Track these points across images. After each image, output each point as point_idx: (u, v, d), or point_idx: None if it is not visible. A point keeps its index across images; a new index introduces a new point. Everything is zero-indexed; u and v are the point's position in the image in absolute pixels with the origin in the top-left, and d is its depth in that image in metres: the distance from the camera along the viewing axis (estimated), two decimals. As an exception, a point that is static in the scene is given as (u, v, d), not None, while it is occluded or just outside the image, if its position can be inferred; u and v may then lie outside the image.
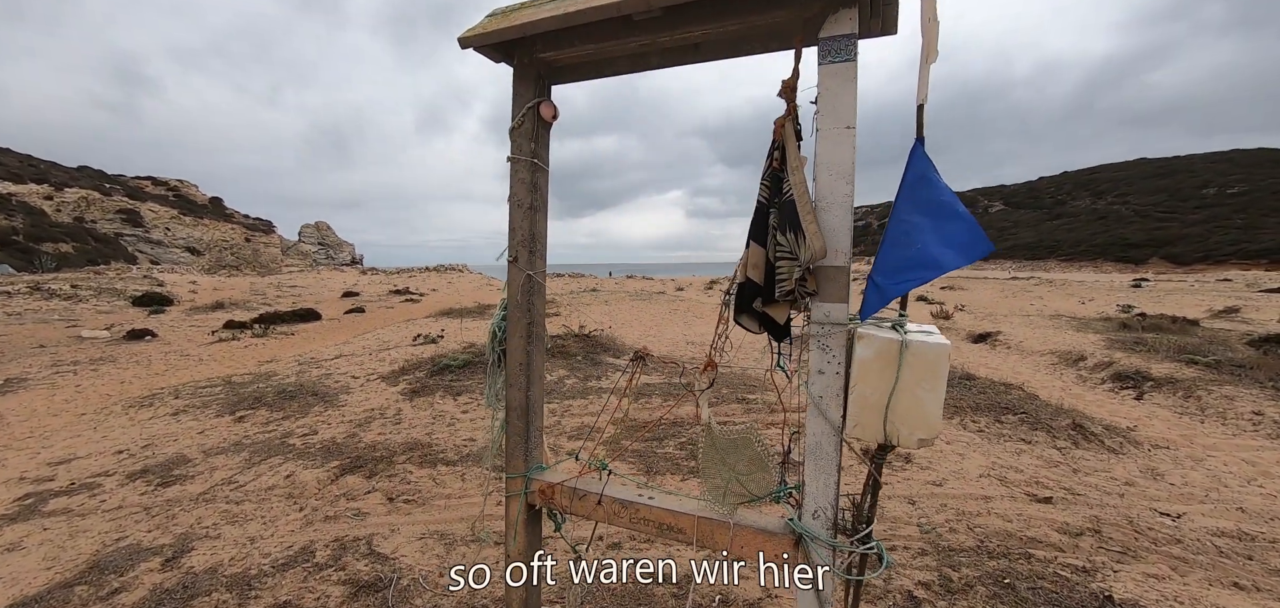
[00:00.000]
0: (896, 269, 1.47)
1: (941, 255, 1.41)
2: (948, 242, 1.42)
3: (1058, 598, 3.08)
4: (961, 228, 1.42)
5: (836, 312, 1.76)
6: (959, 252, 1.41)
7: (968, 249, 1.40)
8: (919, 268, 1.43)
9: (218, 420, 6.93)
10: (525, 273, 2.27)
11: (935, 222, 1.44)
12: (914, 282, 1.45)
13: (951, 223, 1.42)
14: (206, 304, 23.36)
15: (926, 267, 1.42)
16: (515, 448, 2.39)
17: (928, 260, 1.42)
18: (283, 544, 3.97)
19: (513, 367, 2.34)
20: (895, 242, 1.51)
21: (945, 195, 1.45)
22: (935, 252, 1.41)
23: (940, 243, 1.42)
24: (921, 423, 1.68)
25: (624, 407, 2.16)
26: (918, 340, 1.65)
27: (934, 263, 1.41)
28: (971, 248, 1.41)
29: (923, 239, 1.44)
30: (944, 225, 1.43)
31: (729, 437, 1.91)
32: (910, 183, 1.50)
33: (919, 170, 1.49)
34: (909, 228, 1.48)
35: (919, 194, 1.47)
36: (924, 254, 1.42)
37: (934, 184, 1.47)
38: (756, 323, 1.79)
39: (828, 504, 1.85)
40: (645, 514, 2.15)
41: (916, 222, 1.46)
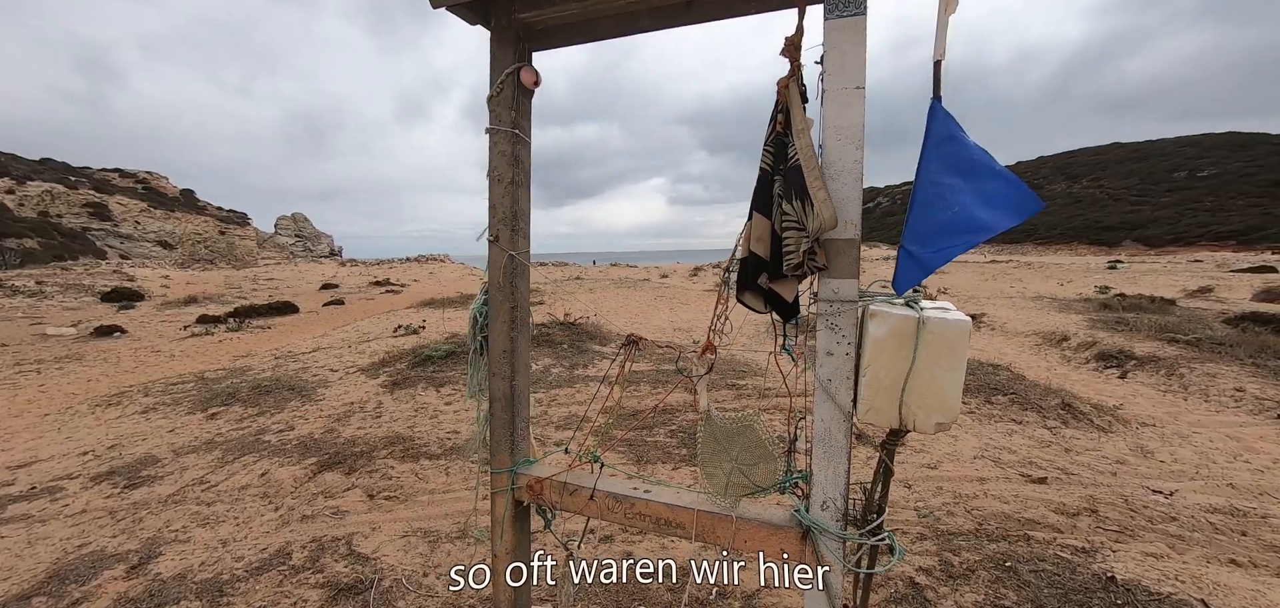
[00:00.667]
0: (933, 235, 1.34)
1: (986, 217, 1.28)
2: (990, 202, 1.29)
3: (1061, 581, 3.02)
4: (1003, 186, 1.29)
5: (846, 288, 1.63)
6: (1006, 211, 1.28)
7: (1016, 207, 1.27)
8: (962, 233, 1.30)
9: (189, 418, 6.67)
10: (507, 253, 2.11)
11: (971, 181, 1.31)
12: (959, 248, 1.32)
13: (990, 182, 1.29)
14: (179, 299, 22.71)
15: (970, 230, 1.29)
16: (500, 441, 2.24)
17: (970, 223, 1.29)
18: (257, 547, 3.78)
19: (496, 355, 2.19)
20: (927, 205, 1.38)
21: (976, 153, 1.32)
22: (978, 214, 1.28)
23: (982, 204, 1.29)
24: (940, 406, 1.56)
25: (616, 395, 2.05)
26: (936, 317, 1.52)
27: (978, 226, 1.28)
28: (1020, 205, 1.28)
29: (960, 201, 1.31)
30: (982, 185, 1.30)
31: (730, 425, 1.77)
32: (935, 142, 1.37)
33: (943, 129, 1.36)
34: (941, 190, 1.34)
35: (947, 153, 1.34)
36: (965, 217, 1.29)
37: (962, 142, 1.33)
38: (762, 301, 1.66)
39: (837, 495, 1.74)
40: (642, 509, 2.01)
41: (949, 182, 1.33)
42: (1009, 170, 1.30)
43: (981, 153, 1.33)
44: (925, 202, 1.39)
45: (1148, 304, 12.97)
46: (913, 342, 1.53)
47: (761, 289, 1.61)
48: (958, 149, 1.33)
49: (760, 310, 1.68)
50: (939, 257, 1.37)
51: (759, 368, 8.01)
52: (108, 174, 72.62)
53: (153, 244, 61.04)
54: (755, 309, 1.68)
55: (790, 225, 1.49)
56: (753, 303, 1.68)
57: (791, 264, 1.49)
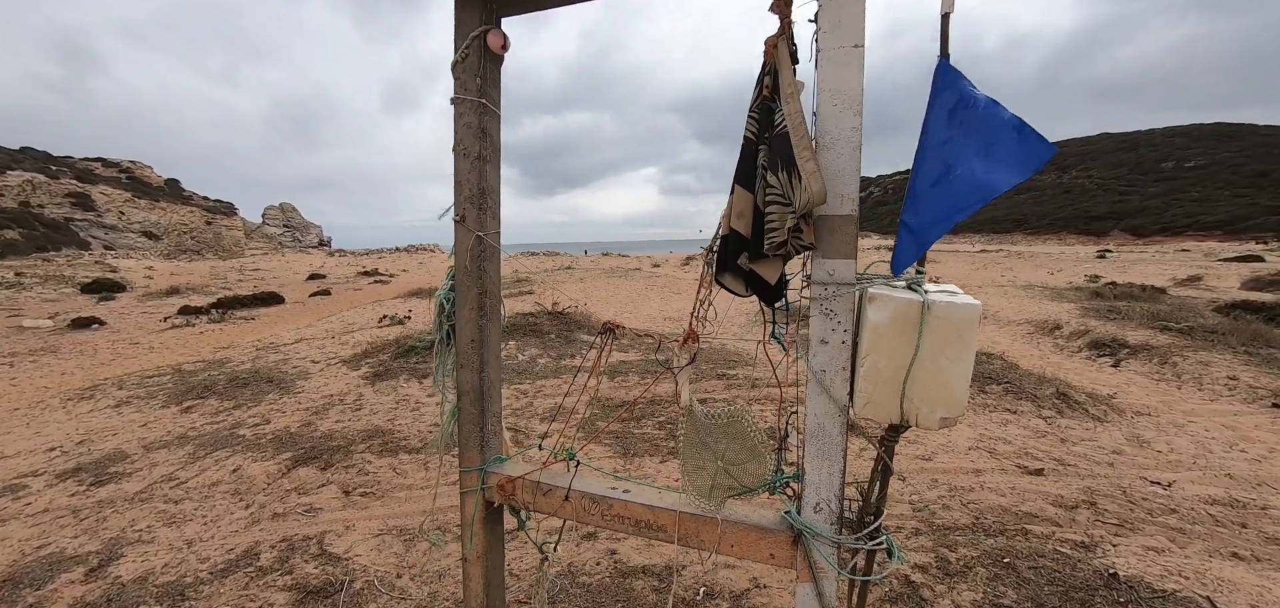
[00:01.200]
0: (932, 206, 1.19)
1: (990, 176, 1.13)
2: (995, 158, 1.13)
3: (1061, 578, 2.90)
4: (1011, 139, 1.13)
5: (841, 269, 1.48)
6: (1012, 167, 1.13)
7: (1022, 161, 1.12)
8: (963, 196, 1.15)
9: (163, 412, 6.45)
10: (475, 234, 1.94)
11: (977, 139, 1.15)
12: (958, 214, 1.17)
13: (998, 136, 1.14)
14: (162, 290, 22.30)
15: (971, 192, 1.14)
16: (469, 438, 2.08)
17: (972, 186, 1.14)
18: (224, 547, 3.61)
19: (463, 344, 2.02)
20: (930, 176, 1.22)
21: (985, 108, 1.17)
22: (982, 175, 1.13)
23: (987, 162, 1.13)
24: (946, 399, 1.41)
25: (595, 386, 1.90)
26: (942, 301, 1.37)
27: (981, 187, 1.13)
28: (1027, 158, 1.12)
29: (964, 164, 1.15)
30: (988, 141, 1.14)
31: (715, 420, 1.62)
32: (942, 105, 1.21)
33: (952, 89, 1.20)
34: (945, 154, 1.19)
35: (955, 113, 1.19)
36: (968, 181, 1.14)
37: (972, 100, 1.18)
38: (743, 284, 1.50)
39: (832, 496, 1.59)
40: (620, 511, 1.86)
41: (954, 146, 1.18)
42: (1018, 118, 1.15)
43: (990, 106, 1.18)
44: (929, 173, 1.23)
45: (1139, 293, 12.96)
46: (916, 328, 1.38)
47: (742, 270, 1.45)
48: (966, 105, 1.18)
49: (741, 294, 1.52)
50: (937, 228, 1.22)
51: (749, 357, 7.88)
52: (90, 163, 71.33)
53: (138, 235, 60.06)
54: (736, 292, 1.52)
55: (774, 199, 1.33)
56: (733, 285, 1.52)
57: (774, 242, 1.33)
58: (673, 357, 1.64)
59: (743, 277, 1.49)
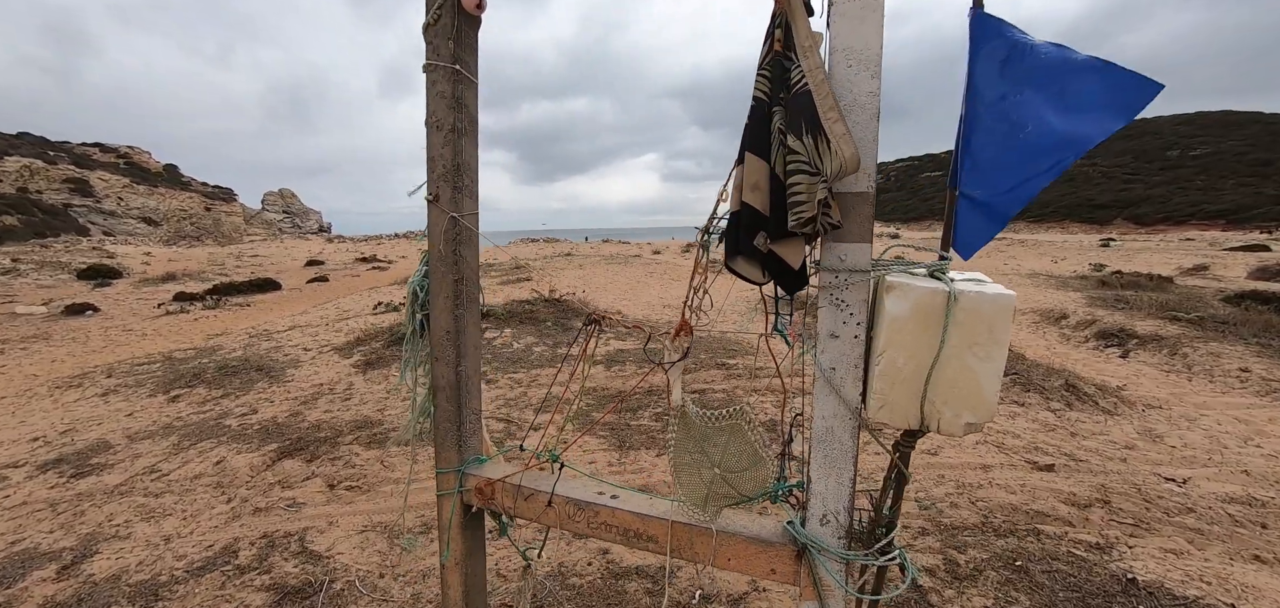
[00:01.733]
0: (1004, 170, 1.01)
1: (1075, 127, 0.94)
2: (1079, 106, 0.95)
3: (1076, 582, 2.76)
4: (1093, 83, 0.95)
5: (856, 254, 1.31)
6: (1102, 112, 0.94)
7: (1116, 104, 0.94)
8: (1044, 156, 0.96)
9: (150, 401, 6.31)
10: (449, 215, 1.77)
11: (1047, 88, 0.97)
12: (1042, 178, 0.99)
13: (1076, 80, 0.96)
14: (158, 276, 22.14)
15: (1054, 150, 0.95)
16: (445, 437, 1.92)
17: (1052, 142, 0.95)
18: (202, 544, 3.47)
19: (438, 335, 1.85)
20: (993, 139, 1.04)
21: (1049, 53, 0.99)
22: (1063, 128, 0.95)
23: (1066, 113, 0.95)
24: (973, 402, 1.25)
25: (581, 381, 1.74)
26: (971, 292, 1.20)
27: (1066, 142, 0.95)
28: (1121, 100, 0.94)
29: (1036, 120, 0.97)
30: (1063, 87, 0.96)
31: (711, 424, 1.46)
32: (989, 58, 1.03)
33: (999, 40, 1.02)
34: (1005, 109, 1.01)
35: (1013, 68, 1.01)
36: (1045, 138, 0.96)
37: (1026, 46, 1.00)
38: (759, 268, 1.32)
39: (840, 508, 1.43)
40: (607, 519, 1.71)
41: (1015, 98, 1.00)
42: (1097, 58, 0.96)
43: (1056, 51, 0.99)
44: (988, 133, 1.05)
45: (1146, 282, 12.77)
46: (940, 322, 1.21)
47: (758, 252, 1.27)
48: (1022, 55, 1.00)
49: (758, 280, 1.34)
50: (1016, 196, 1.03)
51: (750, 347, 7.71)
52: (88, 149, 70.94)
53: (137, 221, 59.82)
54: (750, 279, 1.34)
55: (799, 166, 1.15)
56: (747, 271, 1.34)
57: (802, 218, 1.15)
58: (664, 351, 1.47)
59: (760, 260, 1.31)
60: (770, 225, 1.25)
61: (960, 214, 1.16)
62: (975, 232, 1.12)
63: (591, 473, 4.00)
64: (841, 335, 1.34)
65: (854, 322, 1.33)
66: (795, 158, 1.17)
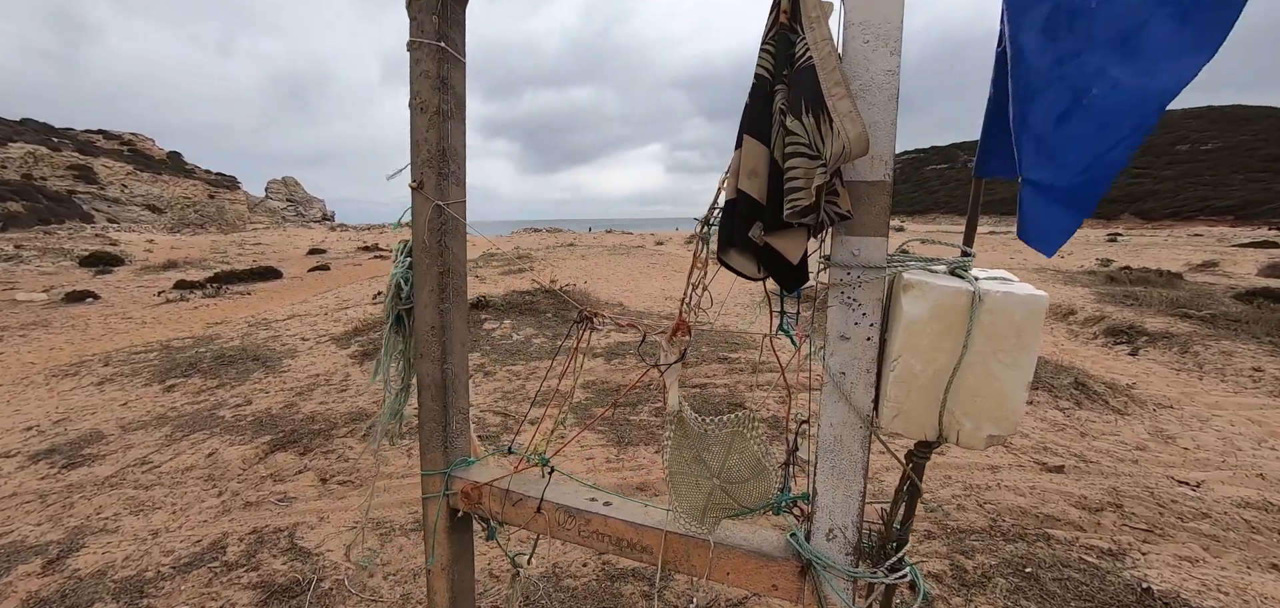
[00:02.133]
0: (1079, 147, 0.87)
1: (1154, 79, 0.80)
2: (1153, 52, 0.80)
3: (1088, 592, 2.66)
4: (1162, 17, 0.80)
5: (870, 248, 1.20)
6: (1187, 51, 0.79)
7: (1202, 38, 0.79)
8: (1122, 119, 0.83)
9: (145, 390, 6.24)
10: (434, 203, 1.66)
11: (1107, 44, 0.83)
12: (1123, 146, 0.85)
13: (1141, 23, 0.81)
14: (160, 264, 22.11)
15: (1138, 110, 0.82)
16: (431, 438, 1.82)
17: (1130, 101, 0.81)
18: (190, 539, 3.39)
19: (423, 331, 1.75)
20: (1055, 112, 0.91)
21: (1106, 3, 0.85)
22: (1137, 82, 0.81)
23: (1136, 64, 0.81)
24: (996, 412, 1.14)
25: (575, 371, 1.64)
26: (997, 292, 1.10)
27: (1147, 98, 0.80)
28: (1208, 29, 0.78)
29: (1102, 81, 0.84)
30: (1127, 35, 0.82)
31: (711, 431, 1.35)
32: (1030, 24, 0.91)
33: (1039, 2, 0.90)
34: (1065, 79, 0.88)
35: (1059, 28, 0.88)
36: (1118, 100, 0.83)
37: (1077, 4, 0.87)
38: (754, 262, 1.21)
39: (849, 522, 1.33)
40: (598, 527, 1.61)
41: (1078, 65, 0.86)
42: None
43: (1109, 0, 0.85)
44: (1045, 104, 0.92)
45: (1155, 278, 12.60)
46: (963, 324, 1.10)
47: (754, 245, 1.16)
48: (1070, 11, 0.86)
49: (750, 276, 1.23)
50: (1098, 173, 0.88)
51: (753, 341, 7.61)
52: (91, 136, 70.90)
53: (141, 208, 59.85)
54: (744, 274, 1.23)
55: (798, 149, 1.04)
56: (741, 264, 1.23)
57: (799, 207, 1.05)
58: (659, 352, 1.37)
59: (755, 253, 1.20)
60: (766, 215, 1.14)
61: (1028, 205, 1.01)
62: (1053, 222, 0.98)
63: (587, 471, 3.91)
64: (853, 337, 1.23)
65: (866, 323, 1.22)
66: (794, 140, 1.06)
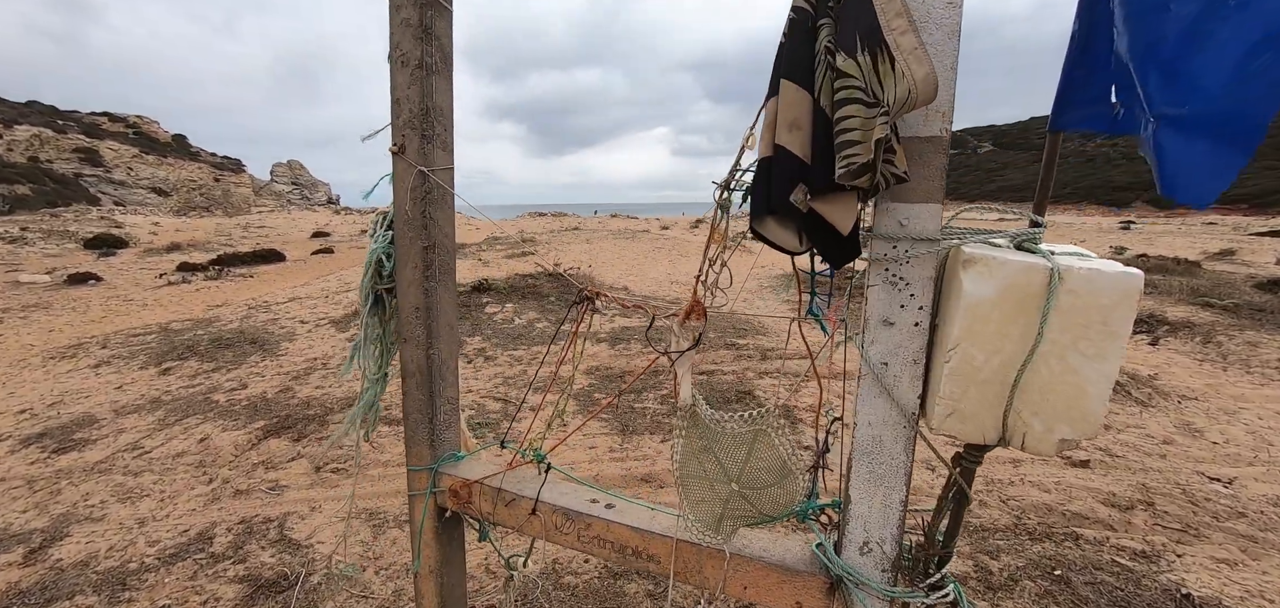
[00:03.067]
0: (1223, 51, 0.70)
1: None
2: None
3: (1123, 597, 2.48)
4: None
5: (921, 218, 1.02)
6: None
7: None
8: None
9: (141, 373, 6.13)
10: (417, 169, 1.48)
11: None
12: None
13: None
14: (163, 246, 22.05)
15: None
16: (417, 431, 1.66)
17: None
18: (177, 528, 3.26)
19: (406, 312, 1.58)
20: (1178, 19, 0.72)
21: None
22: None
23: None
24: (1073, 412, 0.96)
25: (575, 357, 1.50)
26: (1080, 269, 0.91)
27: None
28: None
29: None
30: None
31: (730, 431, 1.17)
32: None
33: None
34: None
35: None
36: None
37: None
38: (795, 233, 1.01)
39: (888, 535, 1.16)
40: (600, 532, 1.44)
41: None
42: None
43: None
44: (1169, 16, 0.74)
45: (1172, 266, 12.31)
46: (1038, 307, 0.92)
47: (796, 212, 0.96)
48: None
49: (793, 249, 1.03)
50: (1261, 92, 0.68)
51: (762, 327, 7.42)
52: (97, 118, 70.85)
53: (147, 191, 59.92)
54: (784, 247, 1.03)
55: (852, 94, 0.85)
56: (779, 236, 1.03)
57: (854, 165, 0.86)
58: (670, 337, 1.19)
59: (797, 222, 1.00)
60: (813, 176, 0.95)
61: (1168, 147, 0.80)
62: (1202, 163, 0.75)
63: (590, 462, 3.75)
64: (898, 323, 1.05)
65: (915, 305, 1.04)
66: (847, 83, 0.87)
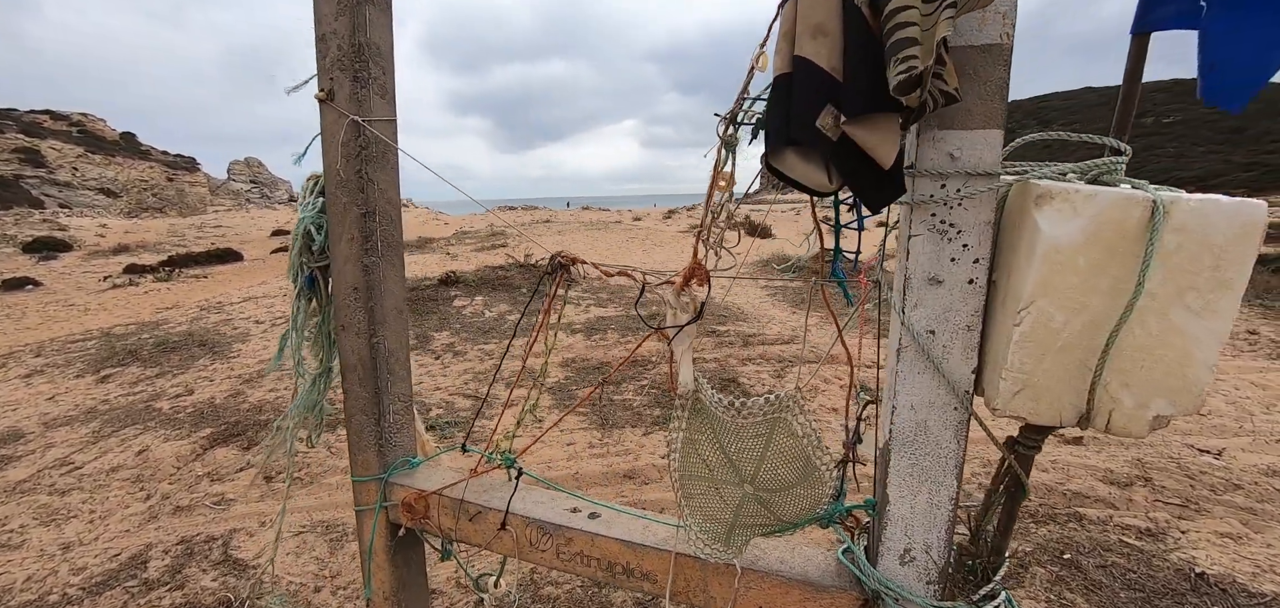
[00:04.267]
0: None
1: None
2: None
3: (1137, 580, 2.37)
4: None
5: (978, 148, 0.81)
6: None
7: None
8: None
9: (77, 382, 5.66)
10: (349, 118, 1.22)
11: None
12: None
13: None
14: (110, 248, 20.94)
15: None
16: (361, 434, 1.40)
17: None
18: (107, 553, 2.93)
19: (342, 293, 1.32)
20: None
21: None
22: None
23: None
24: (1174, 381, 0.77)
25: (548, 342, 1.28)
26: (1188, 202, 0.71)
27: None
28: None
29: None
30: None
31: (741, 420, 0.95)
32: None
33: None
34: None
35: None
36: None
37: None
38: (823, 167, 0.79)
39: (935, 539, 0.96)
40: (584, 549, 1.22)
41: None
42: None
43: None
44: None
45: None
46: (1135, 252, 0.72)
47: (824, 140, 0.74)
48: None
49: (820, 187, 0.80)
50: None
51: (741, 312, 7.25)
52: (37, 116, 67.14)
53: (94, 192, 57.08)
54: (808, 186, 0.81)
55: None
56: (803, 172, 0.80)
57: (913, 75, 0.64)
58: (665, 310, 0.96)
59: (826, 153, 0.76)
60: (844, 95, 0.73)
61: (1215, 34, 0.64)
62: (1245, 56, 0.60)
63: (568, 459, 3.52)
64: (948, 280, 0.85)
65: (969, 258, 0.84)
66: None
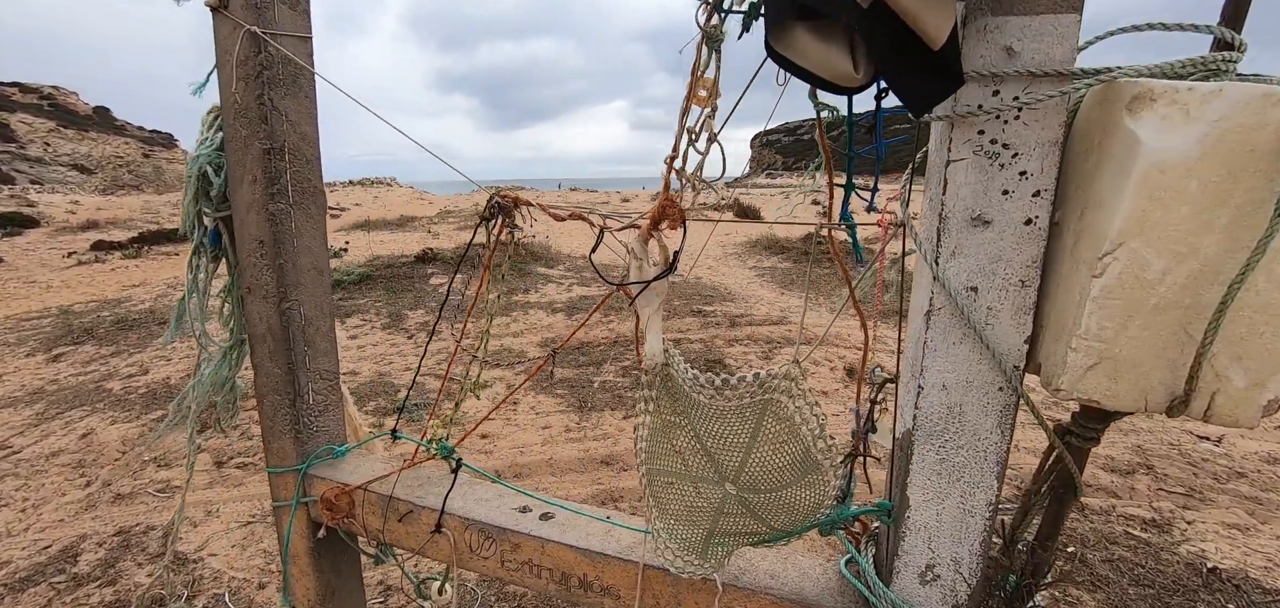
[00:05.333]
0: None
1: None
2: None
3: (1145, 574, 2.22)
4: None
5: (1044, 39, 0.60)
6: None
7: None
8: None
9: (26, 361, 5.34)
10: (247, 29, 0.98)
11: None
12: None
13: None
14: (78, 224, 20.27)
15: None
16: (274, 417, 1.18)
17: None
18: (36, 544, 2.68)
19: (247, 248, 1.09)
20: None
21: None
22: None
23: None
24: (1318, 355, 0.57)
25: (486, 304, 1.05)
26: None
27: None
28: None
29: None
30: None
31: (721, 402, 0.74)
32: None
33: None
34: None
35: None
36: None
37: None
38: (847, 50, 0.56)
39: (966, 554, 0.76)
40: (533, 556, 1.02)
41: None
42: None
43: None
44: None
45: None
46: (1271, 176, 0.52)
47: (847, 7, 0.51)
48: None
49: (840, 78, 0.57)
50: None
51: (729, 293, 7.05)
52: (6, 89, 65.03)
53: (67, 168, 55.43)
54: (824, 79, 0.58)
55: None
56: (814, 56, 0.56)
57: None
58: (629, 262, 0.75)
59: (851, 21, 0.53)
60: None
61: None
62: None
63: (543, 444, 3.31)
64: (998, 220, 0.64)
65: (1028, 190, 0.63)
66: None
